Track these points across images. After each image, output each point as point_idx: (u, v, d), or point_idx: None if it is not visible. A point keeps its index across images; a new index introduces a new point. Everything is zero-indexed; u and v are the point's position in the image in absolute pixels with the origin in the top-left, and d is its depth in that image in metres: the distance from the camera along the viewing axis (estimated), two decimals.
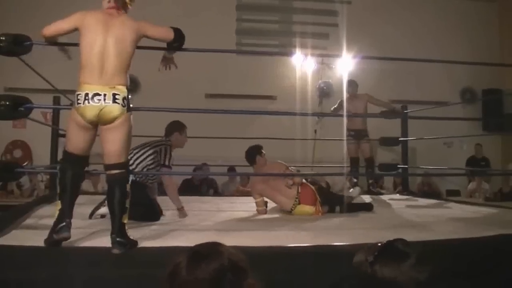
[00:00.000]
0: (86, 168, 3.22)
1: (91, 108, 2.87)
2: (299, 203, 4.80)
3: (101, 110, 2.87)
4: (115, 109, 2.90)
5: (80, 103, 2.89)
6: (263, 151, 5.12)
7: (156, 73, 3.83)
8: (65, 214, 2.84)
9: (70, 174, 2.96)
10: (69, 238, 2.82)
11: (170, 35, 3.23)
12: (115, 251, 2.80)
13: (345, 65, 8.99)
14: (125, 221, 2.94)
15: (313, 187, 4.95)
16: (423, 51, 9.45)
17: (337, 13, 10.50)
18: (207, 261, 1.30)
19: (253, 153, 5.09)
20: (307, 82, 9.91)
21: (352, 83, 7.40)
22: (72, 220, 2.90)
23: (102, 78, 2.89)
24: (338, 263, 2.77)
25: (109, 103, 2.87)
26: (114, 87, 2.90)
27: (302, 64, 9.77)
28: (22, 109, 3.45)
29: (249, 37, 10.31)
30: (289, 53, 10.22)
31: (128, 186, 3.03)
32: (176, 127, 4.70)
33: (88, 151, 3.07)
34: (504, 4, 11.15)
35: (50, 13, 3.21)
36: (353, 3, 10.59)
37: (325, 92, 10.03)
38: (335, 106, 7.44)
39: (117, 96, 2.89)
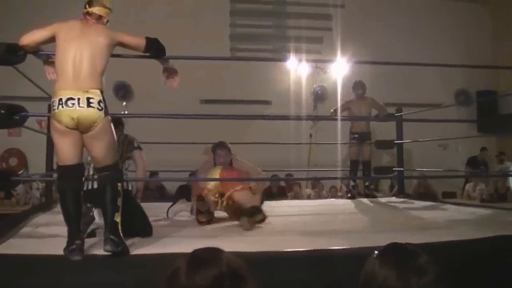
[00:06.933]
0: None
1: (66, 112, 2.86)
2: None
3: (78, 116, 2.86)
4: (91, 113, 2.89)
5: (55, 109, 2.89)
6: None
7: (150, 80, 3.84)
8: (74, 236, 2.82)
9: (69, 196, 2.94)
10: (81, 259, 2.77)
11: (142, 43, 3.32)
12: (107, 248, 2.81)
13: (339, 68, 9.04)
14: (118, 219, 2.96)
15: None
16: (417, 54, 9.50)
17: (331, 17, 10.53)
18: (206, 267, 1.27)
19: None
20: (301, 87, 9.96)
21: (361, 85, 7.16)
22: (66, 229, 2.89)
23: (76, 82, 2.90)
24: (335, 267, 2.79)
25: (83, 107, 2.86)
26: (88, 91, 2.89)
27: (296, 68, 9.80)
28: (17, 117, 3.46)
29: (243, 42, 10.33)
30: (283, 58, 10.25)
31: (119, 186, 3.06)
32: None
33: (80, 157, 3.04)
34: (497, 6, 11.21)
35: (44, 22, 3.19)
36: (347, 7, 10.60)
37: (319, 96, 10.05)
38: (339, 108, 7.13)
39: (91, 100, 2.89)
